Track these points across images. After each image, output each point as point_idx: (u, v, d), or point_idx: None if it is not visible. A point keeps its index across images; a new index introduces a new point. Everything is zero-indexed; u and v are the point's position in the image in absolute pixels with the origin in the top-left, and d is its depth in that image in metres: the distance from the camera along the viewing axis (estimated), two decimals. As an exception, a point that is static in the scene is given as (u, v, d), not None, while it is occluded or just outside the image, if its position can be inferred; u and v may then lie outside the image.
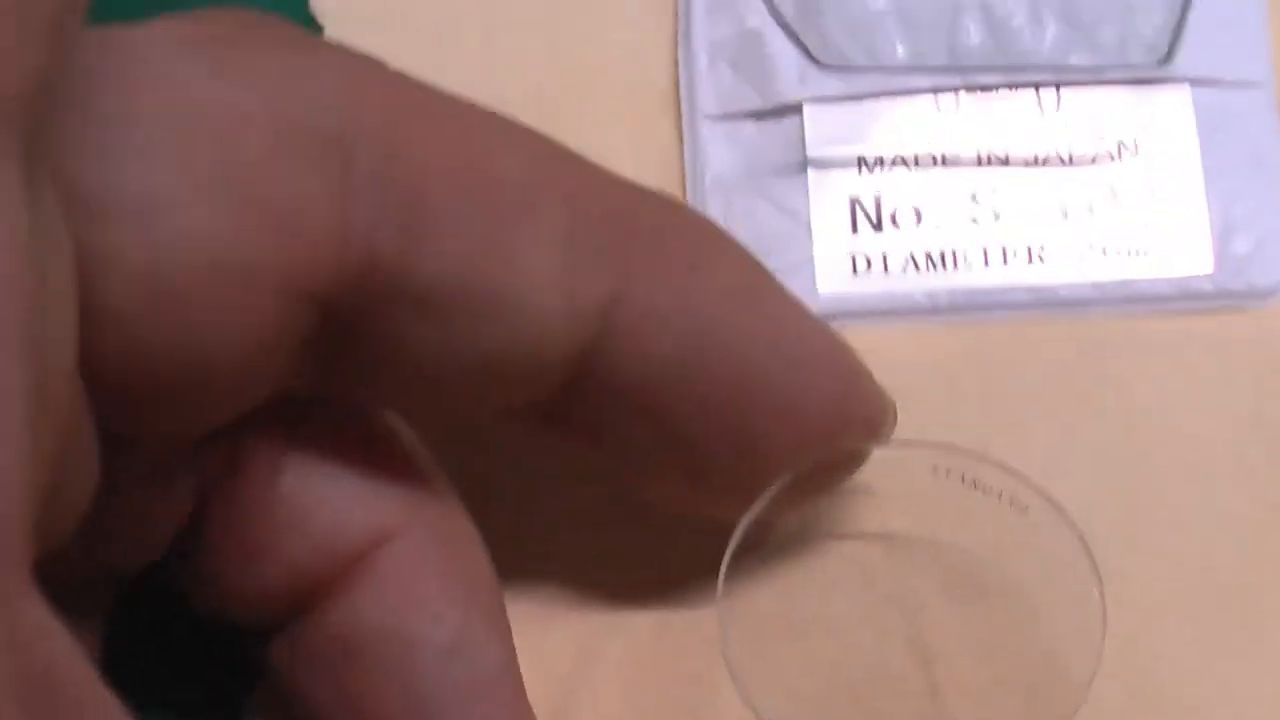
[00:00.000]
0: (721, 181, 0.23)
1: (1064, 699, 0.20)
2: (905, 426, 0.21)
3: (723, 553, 0.20)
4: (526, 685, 0.20)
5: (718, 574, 0.20)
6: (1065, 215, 0.23)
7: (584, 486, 0.22)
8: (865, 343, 0.22)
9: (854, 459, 0.21)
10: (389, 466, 0.19)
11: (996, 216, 0.23)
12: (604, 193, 0.19)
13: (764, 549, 0.21)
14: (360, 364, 0.18)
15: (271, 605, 0.19)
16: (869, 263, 0.23)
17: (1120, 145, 0.23)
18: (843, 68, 0.23)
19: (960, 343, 0.23)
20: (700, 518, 0.20)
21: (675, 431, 0.19)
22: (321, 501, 0.19)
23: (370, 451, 0.19)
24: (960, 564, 0.22)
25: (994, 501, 0.21)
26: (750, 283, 0.19)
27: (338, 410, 0.19)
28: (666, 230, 0.19)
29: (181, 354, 0.16)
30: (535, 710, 0.20)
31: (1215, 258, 0.23)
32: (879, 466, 0.21)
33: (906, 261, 0.23)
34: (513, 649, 0.20)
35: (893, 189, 0.23)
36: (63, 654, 0.13)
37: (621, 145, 0.23)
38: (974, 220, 0.23)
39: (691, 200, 0.23)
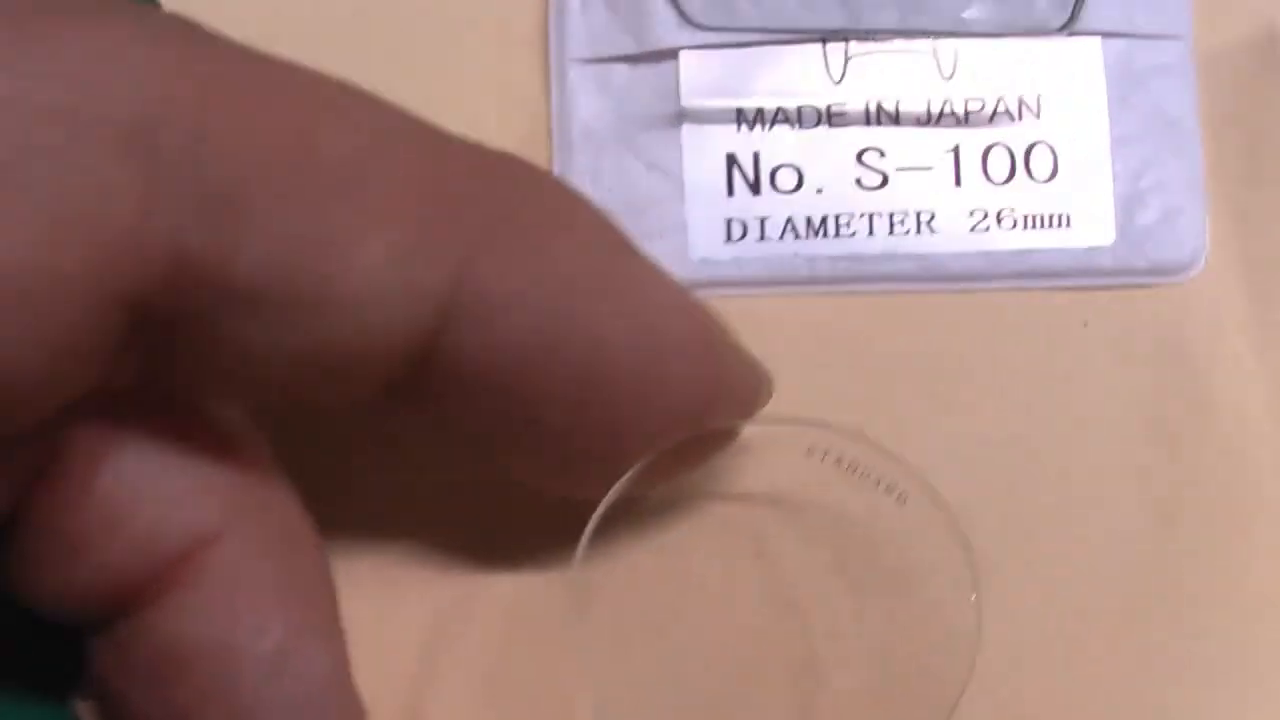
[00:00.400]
0: (590, 134, 0.21)
1: (930, 711, 0.19)
2: (782, 400, 0.20)
3: (584, 525, 0.19)
4: (384, 652, 0.20)
5: (578, 546, 0.19)
6: (958, 180, 0.21)
7: (447, 453, 0.21)
8: (741, 311, 0.21)
9: (723, 437, 0.20)
10: (216, 464, 0.18)
11: (884, 180, 0.21)
12: (446, 168, 0.17)
13: (629, 521, 0.20)
14: (188, 361, 0.17)
15: (89, 606, 0.18)
16: (745, 228, 0.21)
17: (1021, 103, 0.21)
18: (726, 13, 0.21)
19: (842, 314, 0.22)
20: (559, 495, 0.20)
21: (529, 416, 0.18)
22: (140, 500, 0.18)
23: (196, 448, 0.18)
24: (831, 554, 0.21)
25: (871, 488, 0.20)
26: (606, 258, 0.18)
27: (163, 404, 0.18)
28: (516, 205, 0.18)
29: None
30: (392, 681, 0.20)
31: (1117, 229, 0.21)
32: (751, 445, 0.20)
33: (786, 227, 0.21)
34: (344, 655, 0.19)
35: (773, 147, 0.21)
36: None
37: (487, 92, 0.22)
38: (859, 183, 0.21)
39: (558, 154, 0.21)
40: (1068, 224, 0.21)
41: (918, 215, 0.21)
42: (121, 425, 0.18)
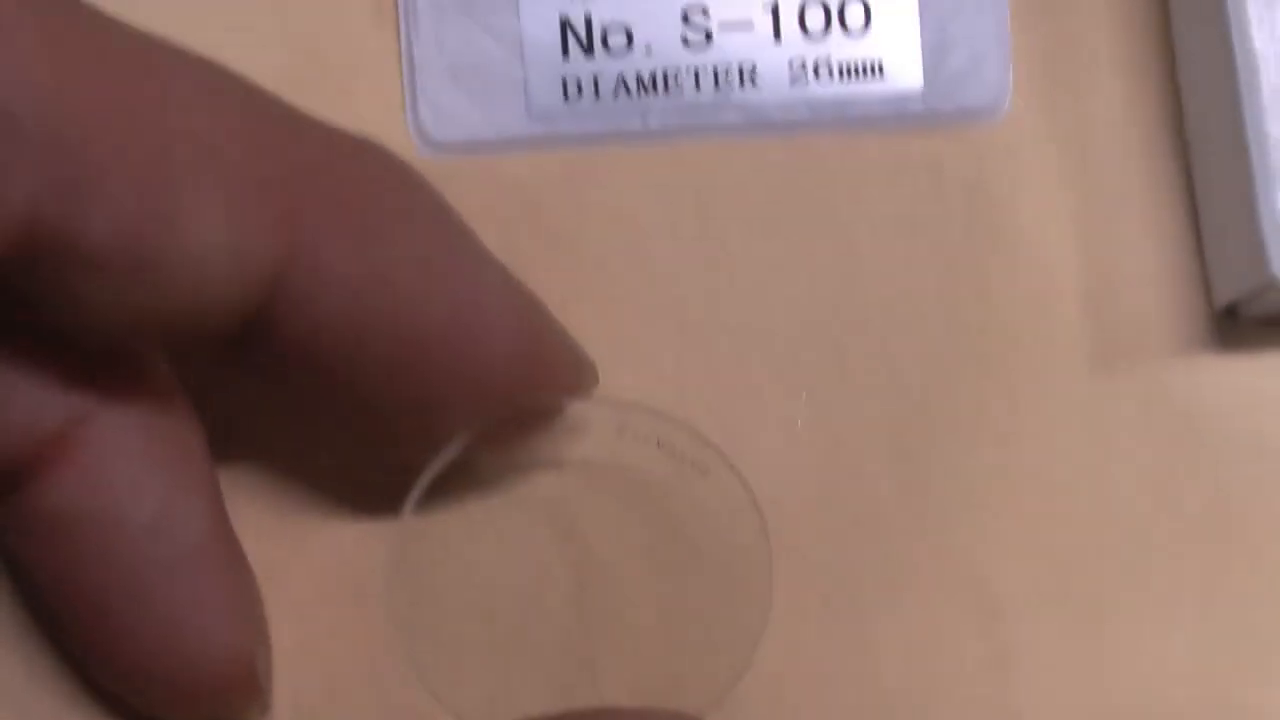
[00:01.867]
0: (435, 2, 0.23)
1: (706, 690, 0.20)
2: (622, 253, 0.21)
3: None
4: None
5: (402, 505, 0.20)
6: (777, 35, 0.22)
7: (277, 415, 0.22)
8: (580, 167, 0.22)
9: (542, 414, 0.21)
10: (90, 352, 0.19)
11: (708, 36, 0.23)
12: (287, 146, 0.18)
13: (456, 485, 0.21)
14: (39, 309, 0.18)
15: None
16: (580, 87, 0.23)
17: (836, -41, 0.23)
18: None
19: (675, 165, 0.23)
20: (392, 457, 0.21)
21: (352, 387, 0.19)
22: (13, 387, 0.19)
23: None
24: (638, 520, 0.22)
25: (678, 464, 0.21)
26: (432, 242, 0.20)
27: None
28: (351, 185, 0.19)
29: None
30: None
31: (926, 76, 0.22)
32: (568, 423, 0.21)
33: (618, 85, 0.23)
34: (224, 518, 0.21)
35: (603, 9, 0.22)
36: None
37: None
38: (686, 41, 0.23)
39: (404, 23, 0.23)
40: (881, 72, 0.23)
41: (740, 69, 0.23)
42: None
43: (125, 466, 0.20)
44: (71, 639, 0.21)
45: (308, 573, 0.22)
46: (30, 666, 0.22)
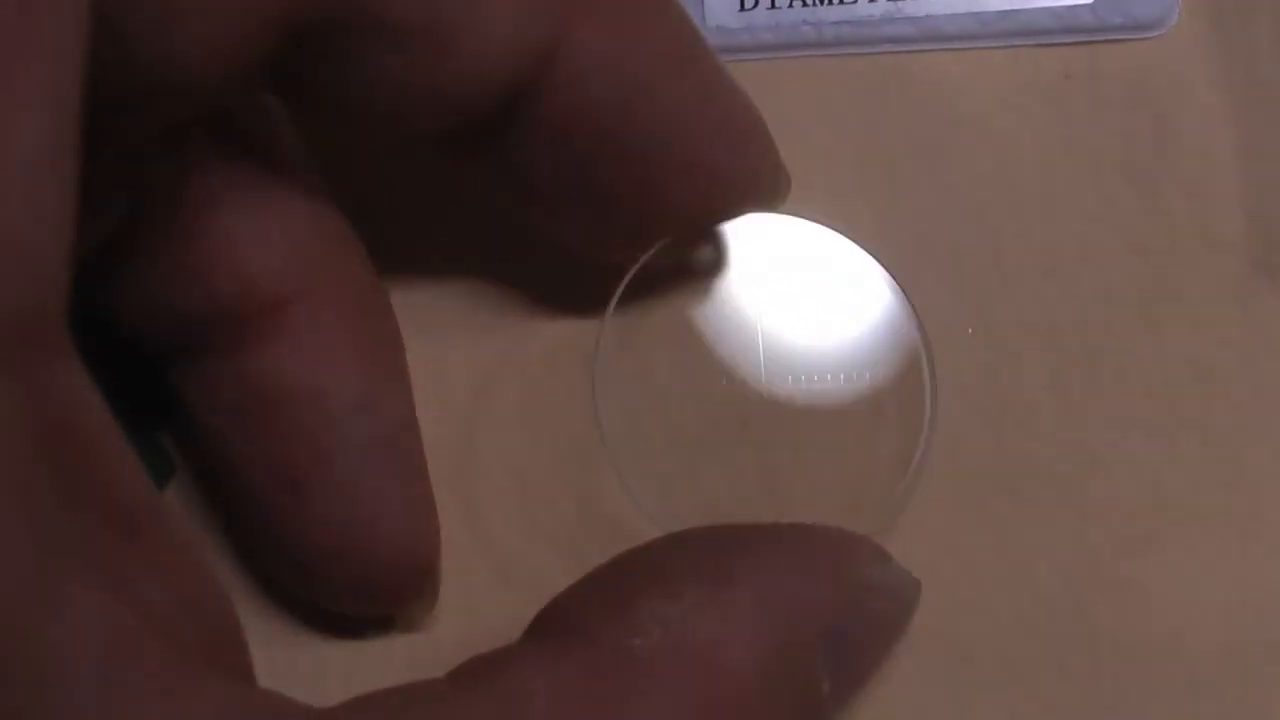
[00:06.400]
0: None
1: (874, 512, 0.21)
2: (791, 164, 0.22)
3: (610, 295, 0.21)
4: (430, 417, 0.22)
5: (604, 314, 0.21)
6: (950, -52, 0.23)
7: (483, 226, 0.23)
8: (755, 75, 0.23)
9: (744, 223, 0.22)
10: (309, 227, 0.20)
11: (883, -51, 0.23)
12: None
13: (645, 301, 0.22)
14: (317, 87, 0.19)
15: (188, 331, 0.20)
16: (756, -2, 0.23)
17: (1010, -125, 0.23)
18: None
19: (847, 75, 0.24)
20: (593, 259, 0.22)
21: (589, 175, 0.20)
22: (249, 244, 0.20)
23: (294, 210, 0.20)
24: (814, 323, 0.22)
25: (858, 288, 0.22)
26: (685, 46, 0.20)
27: (269, 166, 0.20)
28: None
29: (168, 66, 0.17)
30: (441, 440, 0.22)
31: (1096, -11, 0.23)
32: (762, 234, 0.22)
33: (794, -5, 0.23)
34: (413, 408, 0.21)
35: (781, -78, 0.23)
36: (91, 412, 0.15)
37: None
38: (860, -47, 0.23)
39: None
40: (1051, -15, 0.23)
41: (914, -19, 0.23)
42: (237, 178, 0.20)
43: (336, 345, 0.20)
44: (255, 521, 0.21)
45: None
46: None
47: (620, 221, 0.21)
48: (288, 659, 0.22)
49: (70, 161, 0.14)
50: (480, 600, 0.22)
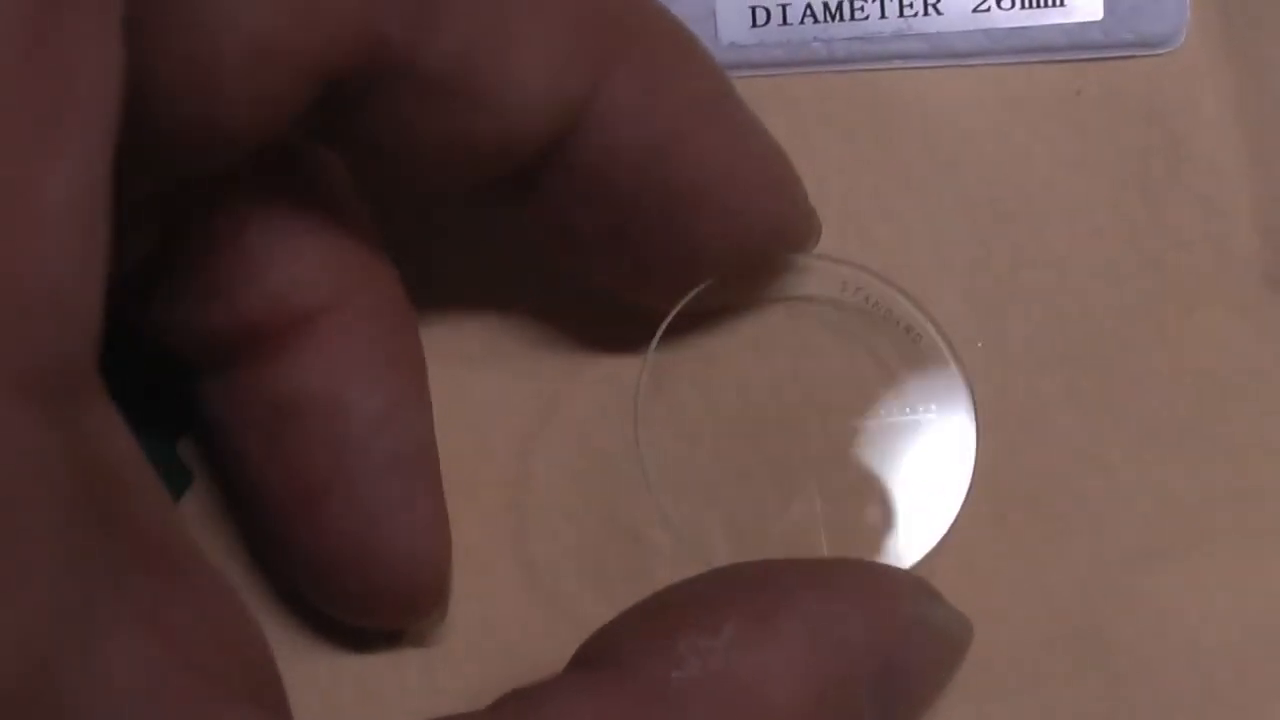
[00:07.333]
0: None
1: (927, 529, 0.21)
2: (804, 172, 0.22)
3: (650, 335, 0.21)
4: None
5: (644, 354, 0.21)
6: (961, -35, 0.23)
7: (529, 274, 0.23)
8: (765, 92, 0.23)
9: (778, 267, 0.22)
10: (340, 241, 0.21)
11: (894, -34, 0.23)
12: None
13: (690, 329, 0.22)
14: (352, 137, 0.19)
15: (216, 346, 0.20)
16: (768, 14, 0.24)
17: (1019, -106, 0.23)
18: None
19: (859, 91, 0.24)
20: (633, 305, 0.22)
21: (624, 222, 0.20)
22: (277, 260, 0.20)
23: (326, 224, 0.20)
24: (853, 373, 0.23)
25: (892, 324, 0.22)
26: (716, 93, 0.20)
27: (302, 182, 0.20)
28: (649, 34, 0.20)
29: (207, 120, 0.17)
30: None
31: (1106, 5, 0.23)
32: (796, 276, 0.22)
33: (805, 12, 0.24)
34: (432, 428, 0.21)
35: (793, -61, 0.24)
36: (124, 451, 0.15)
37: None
38: (871, -30, 0.23)
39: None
40: (1061, 1, 0.23)
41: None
42: (269, 195, 0.20)
43: (363, 357, 0.20)
44: (271, 530, 0.21)
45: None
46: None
47: (656, 268, 0.21)
48: (304, 670, 0.22)
49: (104, 208, 0.14)
50: (498, 615, 0.22)
